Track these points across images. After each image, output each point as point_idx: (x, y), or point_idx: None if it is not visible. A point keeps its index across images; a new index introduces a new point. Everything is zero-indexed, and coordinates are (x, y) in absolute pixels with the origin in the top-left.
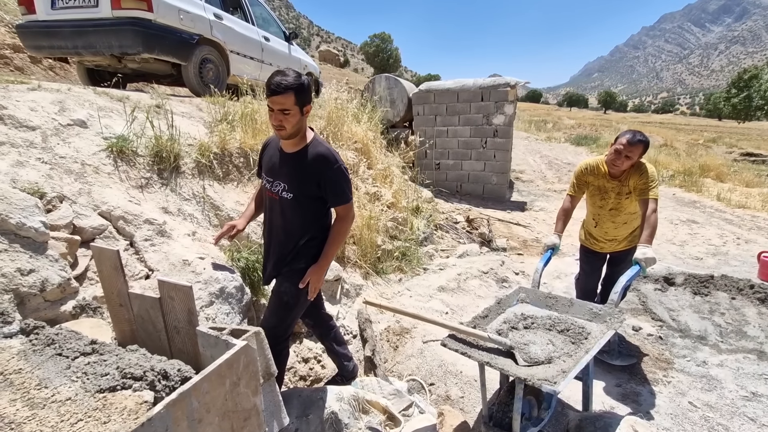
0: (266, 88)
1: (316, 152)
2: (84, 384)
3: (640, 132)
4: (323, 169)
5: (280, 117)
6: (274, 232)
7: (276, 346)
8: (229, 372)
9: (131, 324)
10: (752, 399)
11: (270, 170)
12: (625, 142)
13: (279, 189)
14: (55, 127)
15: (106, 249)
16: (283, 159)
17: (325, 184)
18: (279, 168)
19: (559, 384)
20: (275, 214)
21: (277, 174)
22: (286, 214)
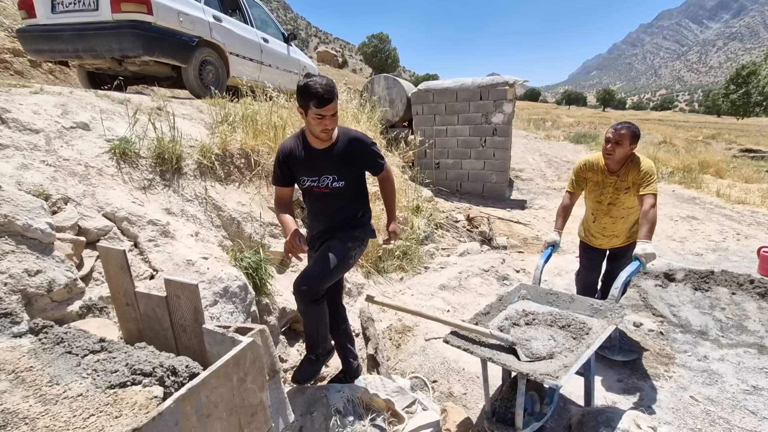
0: (314, 99)
1: (350, 137)
2: (95, 380)
3: (628, 121)
4: (361, 149)
5: (332, 121)
6: (328, 219)
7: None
8: (236, 368)
9: (138, 323)
10: (753, 392)
11: (310, 170)
12: (612, 130)
13: (328, 182)
14: (58, 130)
15: (113, 249)
16: (320, 155)
17: (366, 160)
18: (321, 164)
19: (561, 379)
20: (326, 204)
21: (321, 170)
22: (340, 200)
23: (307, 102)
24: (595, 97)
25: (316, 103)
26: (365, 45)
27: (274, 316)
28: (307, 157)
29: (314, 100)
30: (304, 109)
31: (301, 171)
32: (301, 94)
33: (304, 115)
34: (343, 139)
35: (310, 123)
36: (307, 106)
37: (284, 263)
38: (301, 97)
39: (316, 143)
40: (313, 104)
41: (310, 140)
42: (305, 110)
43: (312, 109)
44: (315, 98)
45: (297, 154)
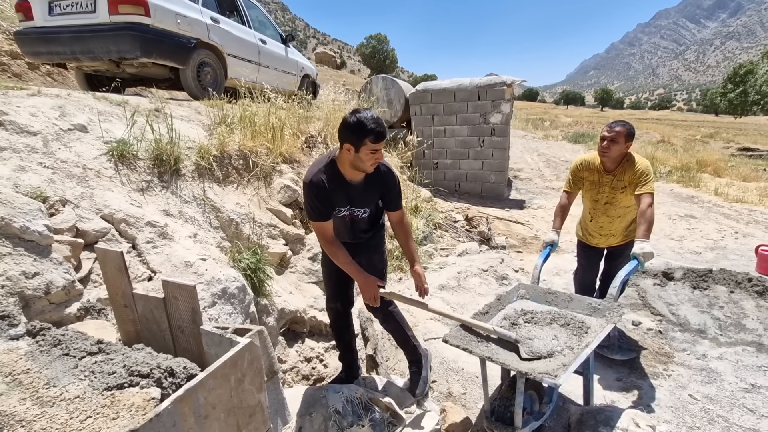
0: (371, 135)
1: (382, 170)
2: (92, 382)
3: (621, 120)
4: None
5: (381, 154)
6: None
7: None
8: (234, 369)
9: (136, 324)
10: (751, 391)
11: (341, 202)
12: (607, 129)
13: (359, 213)
14: (56, 132)
15: (110, 251)
16: (354, 188)
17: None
18: (359, 197)
19: (560, 377)
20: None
21: (354, 202)
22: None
23: (362, 138)
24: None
25: (373, 138)
26: (363, 46)
27: (272, 317)
28: (339, 189)
29: (372, 136)
30: (355, 145)
31: (337, 202)
32: (355, 130)
33: (353, 151)
34: (375, 172)
35: (359, 159)
36: (361, 142)
37: (282, 264)
38: (353, 133)
39: (351, 176)
40: (371, 140)
41: (344, 172)
42: (357, 146)
43: (368, 144)
44: (373, 134)
45: (333, 188)
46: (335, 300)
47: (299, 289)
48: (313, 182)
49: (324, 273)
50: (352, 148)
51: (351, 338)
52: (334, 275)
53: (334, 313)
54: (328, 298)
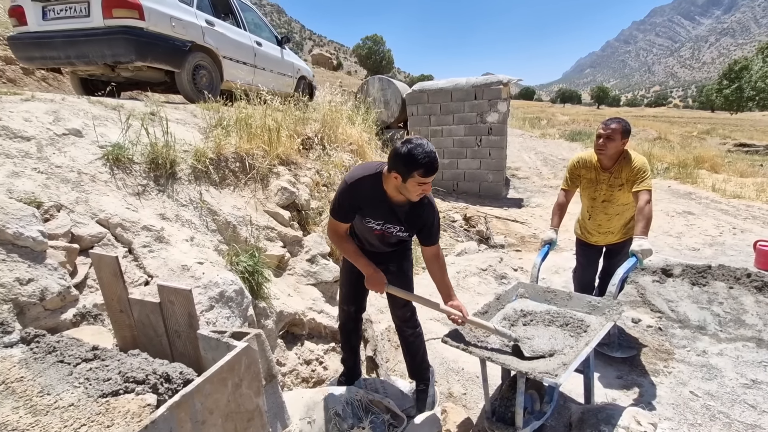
0: (422, 168)
1: (425, 202)
2: (86, 389)
3: (616, 117)
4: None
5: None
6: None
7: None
8: (231, 373)
9: (132, 330)
10: (752, 386)
11: (379, 216)
12: (603, 126)
13: (393, 230)
14: (50, 137)
15: (106, 255)
16: (395, 209)
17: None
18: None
19: (560, 377)
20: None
21: (391, 220)
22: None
23: (411, 171)
24: (589, 94)
25: (423, 173)
26: (360, 47)
27: (271, 319)
28: (381, 205)
29: (422, 170)
30: (403, 175)
31: (369, 213)
32: (405, 162)
33: (400, 180)
34: (419, 205)
35: (406, 189)
36: (410, 174)
37: (281, 266)
38: (403, 164)
39: (393, 196)
40: (420, 174)
41: (390, 194)
42: (405, 177)
43: (416, 178)
44: (423, 168)
45: (371, 199)
46: (349, 303)
47: (298, 291)
48: (354, 185)
49: (343, 276)
50: (399, 178)
51: (357, 343)
52: (354, 280)
53: (346, 316)
54: (341, 301)
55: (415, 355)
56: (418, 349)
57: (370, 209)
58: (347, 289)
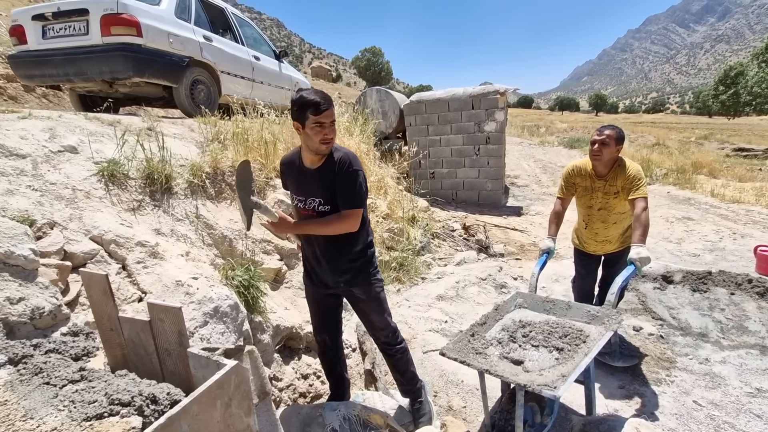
0: (311, 107)
1: (338, 156)
2: (71, 413)
3: (610, 124)
4: (344, 170)
5: (331, 129)
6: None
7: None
8: (220, 393)
9: (123, 348)
10: (757, 395)
11: (298, 189)
12: (597, 133)
13: (314, 204)
14: (45, 154)
15: (95, 274)
16: (308, 175)
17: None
18: (308, 185)
19: (559, 389)
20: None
21: (308, 191)
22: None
23: (304, 112)
24: (587, 102)
25: (313, 110)
26: (358, 59)
27: (267, 334)
28: (297, 174)
29: (311, 108)
30: (300, 121)
31: (291, 189)
32: (298, 105)
33: (301, 130)
34: (331, 159)
35: (308, 136)
36: (304, 116)
37: (277, 280)
38: (297, 109)
39: (308, 161)
40: (311, 112)
41: (304, 158)
42: (303, 122)
43: (310, 118)
44: (312, 105)
45: (291, 170)
46: (322, 332)
47: (295, 304)
48: (283, 157)
49: (308, 304)
50: (299, 126)
51: (342, 369)
52: (319, 304)
53: (323, 345)
54: (314, 330)
55: (404, 372)
56: (406, 365)
57: (292, 181)
58: (314, 318)
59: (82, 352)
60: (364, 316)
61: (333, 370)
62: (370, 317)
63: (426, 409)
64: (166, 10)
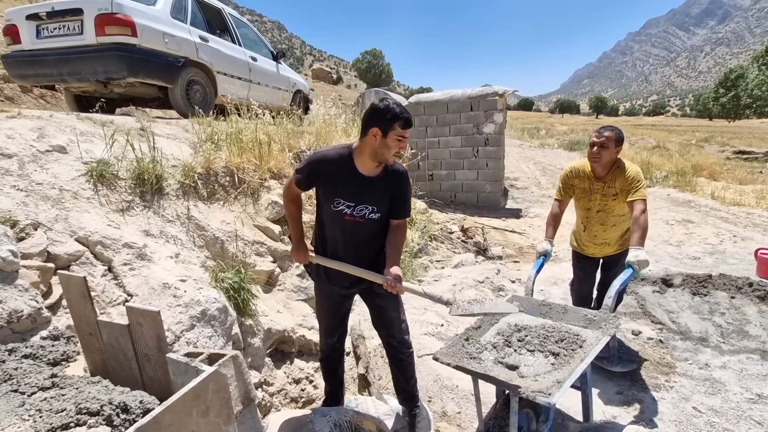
0: (402, 120)
1: (397, 169)
2: (35, 423)
3: (609, 125)
4: (406, 184)
5: (406, 144)
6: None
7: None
8: (196, 401)
9: (102, 353)
10: (758, 401)
11: (349, 196)
12: (596, 134)
13: (366, 212)
14: (32, 154)
15: (73, 276)
16: (366, 183)
17: (400, 198)
18: (364, 192)
19: (554, 396)
20: (356, 234)
21: (363, 199)
22: (371, 232)
23: (391, 123)
24: (587, 104)
25: (403, 123)
26: (359, 61)
27: (258, 337)
28: (351, 181)
29: (402, 121)
30: (384, 129)
31: (337, 193)
32: (389, 114)
33: (379, 137)
34: (390, 170)
35: (385, 145)
36: (390, 126)
37: (270, 282)
38: (383, 118)
39: (366, 168)
40: (400, 125)
41: (358, 164)
42: (386, 131)
43: (396, 129)
44: (403, 119)
45: (339, 173)
46: (332, 335)
47: (288, 307)
48: (319, 156)
49: (321, 309)
50: (379, 134)
51: (343, 372)
52: (335, 308)
53: (330, 348)
54: (323, 334)
55: (410, 377)
56: (414, 370)
57: (341, 185)
58: (328, 321)
59: (61, 356)
60: (383, 312)
61: (335, 373)
62: (390, 313)
63: (423, 415)
64: (162, 10)
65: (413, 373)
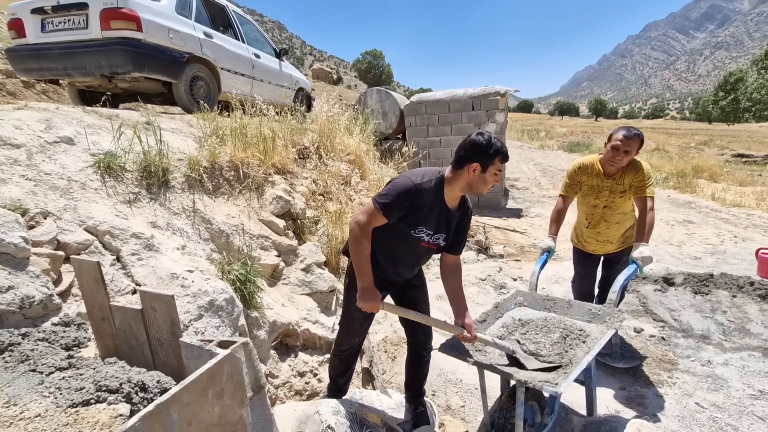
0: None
1: (468, 206)
2: (56, 399)
3: (633, 127)
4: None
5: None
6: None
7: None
8: (212, 383)
9: (114, 338)
10: (760, 397)
11: (434, 226)
12: (622, 138)
13: (440, 241)
14: (40, 145)
15: (86, 261)
16: (450, 216)
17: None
18: (446, 224)
19: (560, 385)
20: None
21: (442, 228)
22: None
23: (493, 158)
24: (587, 107)
25: (503, 158)
26: (359, 62)
27: (263, 330)
28: (439, 213)
29: (502, 156)
30: (485, 163)
31: (424, 221)
32: (487, 150)
33: (478, 172)
34: (465, 205)
35: (483, 180)
36: (491, 160)
37: (275, 276)
38: (484, 153)
39: (452, 202)
40: (501, 159)
41: (447, 195)
42: (486, 165)
43: (496, 164)
44: (502, 154)
45: (432, 204)
46: (359, 335)
47: (292, 301)
48: (417, 187)
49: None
50: (479, 169)
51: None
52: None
53: (353, 348)
54: (349, 335)
55: (425, 376)
56: (428, 369)
57: (426, 216)
58: (359, 324)
59: (72, 342)
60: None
61: (348, 368)
62: (423, 306)
63: (431, 410)
64: (167, 5)
65: (427, 372)
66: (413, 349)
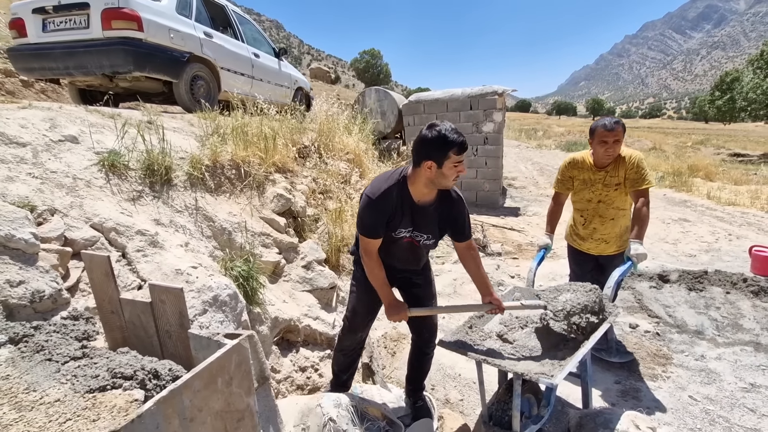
0: (456, 146)
1: (452, 196)
2: (73, 385)
3: (607, 116)
4: (462, 210)
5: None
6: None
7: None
8: (221, 371)
9: (123, 331)
10: (751, 390)
11: (409, 224)
12: (607, 130)
13: (422, 239)
14: (45, 143)
15: (97, 255)
16: (423, 212)
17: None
18: (422, 221)
19: (556, 377)
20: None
21: (420, 226)
22: (423, 251)
23: (446, 151)
24: (584, 106)
25: (458, 150)
26: (357, 61)
27: (266, 325)
28: (409, 211)
29: (456, 147)
30: (439, 160)
31: (398, 224)
32: (438, 144)
33: (435, 168)
34: (443, 197)
35: (442, 175)
36: (445, 155)
37: (276, 273)
38: (436, 147)
39: (421, 196)
40: (454, 152)
41: (413, 192)
42: (442, 161)
43: (452, 157)
44: (457, 145)
45: (400, 206)
46: (362, 329)
47: (293, 297)
48: (378, 196)
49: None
50: (434, 165)
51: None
52: (372, 303)
53: (356, 343)
54: (354, 329)
55: (427, 371)
56: (430, 366)
57: (400, 217)
58: (363, 317)
59: (82, 335)
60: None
61: (351, 365)
62: (427, 303)
63: (430, 404)
64: (167, 5)
65: (429, 368)
66: (418, 346)
